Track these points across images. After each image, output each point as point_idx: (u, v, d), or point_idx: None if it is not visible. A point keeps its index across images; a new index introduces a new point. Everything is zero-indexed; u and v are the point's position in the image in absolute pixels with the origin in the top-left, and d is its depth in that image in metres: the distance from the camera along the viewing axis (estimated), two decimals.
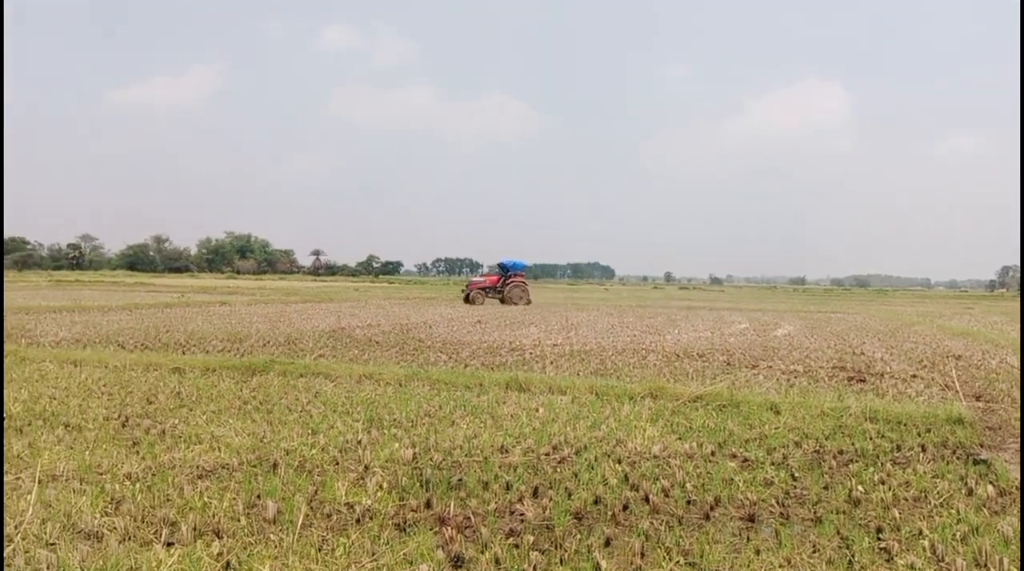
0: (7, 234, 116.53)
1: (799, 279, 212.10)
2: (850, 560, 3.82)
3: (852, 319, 27.66)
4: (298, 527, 3.99)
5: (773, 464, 5.63)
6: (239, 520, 4.12)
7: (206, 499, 4.44)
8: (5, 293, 33.67)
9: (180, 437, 6.01)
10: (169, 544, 3.75)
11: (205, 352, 12.14)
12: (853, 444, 6.30)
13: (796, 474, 5.36)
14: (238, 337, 14.72)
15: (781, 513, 4.53)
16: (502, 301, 35.61)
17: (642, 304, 39.03)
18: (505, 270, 37.13)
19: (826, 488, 5.07)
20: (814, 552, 3.93)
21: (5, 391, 7.83)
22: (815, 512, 4.56)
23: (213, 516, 4.15)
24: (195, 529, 3.93)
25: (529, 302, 36.03)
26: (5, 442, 5.69)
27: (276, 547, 3.76)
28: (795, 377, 10.60)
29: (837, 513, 4.54)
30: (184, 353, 11.86)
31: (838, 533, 4.20)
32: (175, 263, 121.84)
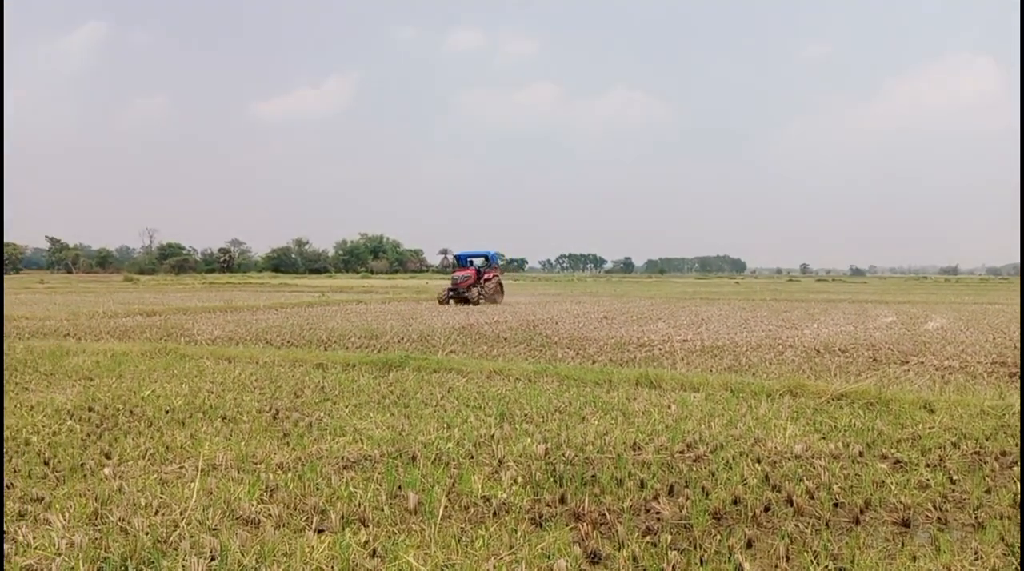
0: (166, 240, 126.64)
1: (951, 269, 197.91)
2: (1017, 569, 3.53)
3: (1013, 310, 25.47)
4: (438, 518, 4.11)
5: (928, 466, 5.28)
6: (383, 510, 4.29)
7: (352, 489, 4.65)
8: (165, 294, 36.58)
9: (326, 429, 6.33)
10: (320, 531, 3.96)
11: (345, 348, 12.72)
12: (1017, 445, 5.81)
13: (954, 477, 5.01)
14: (374, 334, 15.34)
15: (939, 518, 4.24)
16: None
17: (776, 297, 37.57)
18: (466, 263, 30.84)
19: (988, 492, 4.71)
20: (976, 559, 3.65)
21: (168, 384, 8.51)
22: (976, 517, 4.24)
23: (359, 505, 4.34)
24: (343, 517, 4.12)
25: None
26: (170, 433, 6.18)
27: (419, 537, 3.88)
28: (950, 373, 9.90)
29: (1001, 518, 4.21)
30: (326, 349, 12.47)
31: (1002, 540, 3.89)
32: (314, 264, 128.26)
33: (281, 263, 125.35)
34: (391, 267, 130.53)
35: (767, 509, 4.36)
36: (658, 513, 4.30)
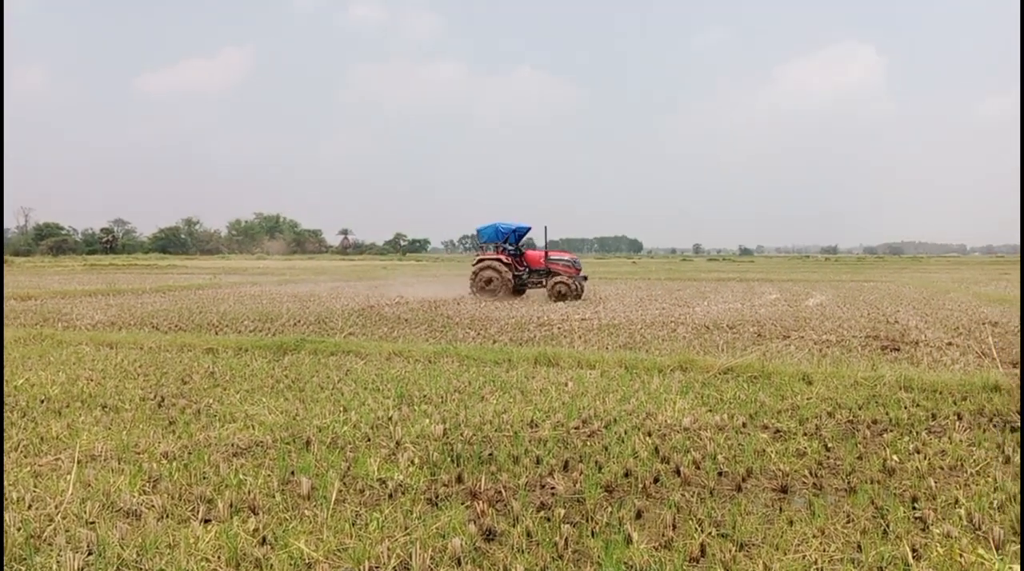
0: (42, 220, 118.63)
1: (831, 248, 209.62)
2: (885, 530, 3.78)
3: (886, 287, 27.24)
4: (332, 503, 4.04)
5: (806, 435, 5.58)
6: (274, 496, 4.18)
7: (242, 476, 4.51)
8: (42, 277, 34.32)
9: (215, 416, 6.11)
10: (206, 521, 3.82)
11: (237, 332, 12.30)
12: (887, 413, 6.22)
13: (829, 444, 5.32)
14: (269, 317, 14.89)
15: (814, 483, 4.50)
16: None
17: (671, 277, 38.76)
18: (501, 242, 22.10)
19: (860, 458, 5.02)
20: (848, 522, 3.89)
21: (44, 372, 8.00)
22: (849, 482, 4.52)
23: (249, 493, 4.22)
24: (231, 506, 3.99)
25: None
26: (45, 424, 5.82)
27: (311, 522, 3.81)
28: (828, 347, 10.48)
29: (871, 483, 4.49)
30: (217, 334, 12.02)
31: (872, 503, 4.16)
32: (206, 245, 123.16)
33: (170, 244, 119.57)
34: (289, 248, 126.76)
35: (656, 480, 4.51)
36: (553, 488, 4.37)
